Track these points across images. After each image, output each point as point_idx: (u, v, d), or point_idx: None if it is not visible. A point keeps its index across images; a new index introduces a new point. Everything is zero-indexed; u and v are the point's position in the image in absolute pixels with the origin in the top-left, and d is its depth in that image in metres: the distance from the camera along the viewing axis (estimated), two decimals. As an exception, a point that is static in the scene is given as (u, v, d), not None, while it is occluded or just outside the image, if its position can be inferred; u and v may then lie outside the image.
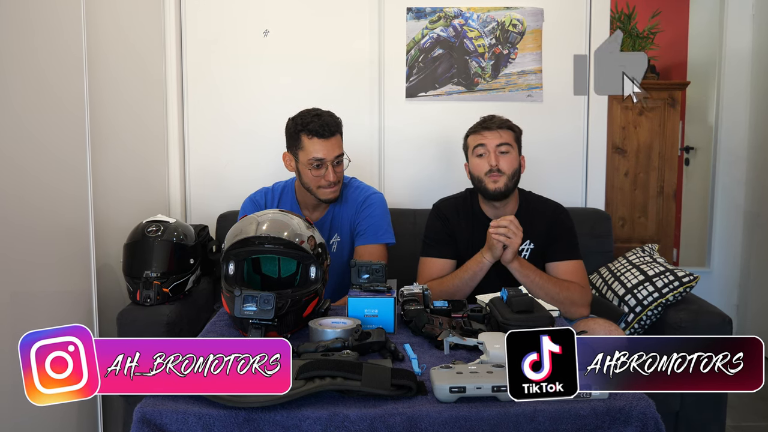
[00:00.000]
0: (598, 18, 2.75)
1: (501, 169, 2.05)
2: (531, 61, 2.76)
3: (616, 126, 3.55)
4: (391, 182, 2.80)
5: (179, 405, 1.18)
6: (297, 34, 2.74)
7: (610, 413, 1.19)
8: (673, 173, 3.64)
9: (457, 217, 2.16)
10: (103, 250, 2.15)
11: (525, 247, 2.11)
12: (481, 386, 1.19)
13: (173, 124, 2.73)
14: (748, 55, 3.58)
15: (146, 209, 2.42)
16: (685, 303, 2.26)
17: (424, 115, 2.78)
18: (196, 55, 2.75)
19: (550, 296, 1.95)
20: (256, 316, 1.49)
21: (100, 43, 2.14)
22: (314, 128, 2.03)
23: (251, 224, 1.61)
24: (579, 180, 2.82)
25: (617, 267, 2.47)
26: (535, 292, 1.93)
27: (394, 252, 2.20)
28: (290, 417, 1.16)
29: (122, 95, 2.34)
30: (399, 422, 1.16)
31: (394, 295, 1.63)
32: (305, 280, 1.62)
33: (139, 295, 2.04)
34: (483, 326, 1.58)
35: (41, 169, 1.82)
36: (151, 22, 2.63)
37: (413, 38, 2.75)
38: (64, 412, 1.91)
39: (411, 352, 1.45)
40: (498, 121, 2.10)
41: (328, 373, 1.22)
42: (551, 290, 1.98)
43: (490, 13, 2.74)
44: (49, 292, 1.86)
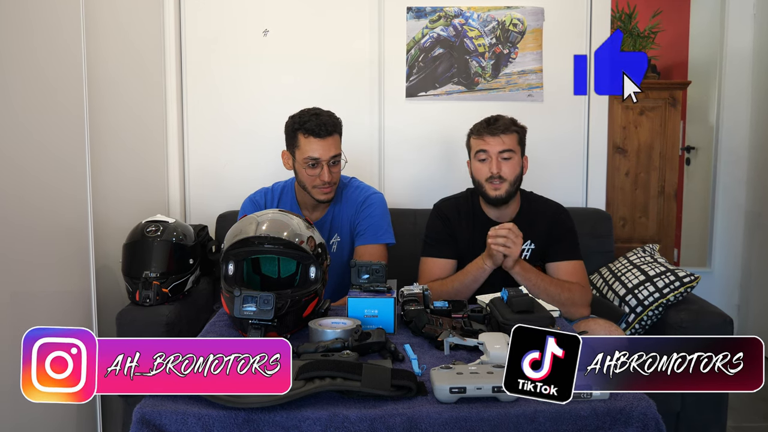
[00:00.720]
0: (598, 17, 2.75)
1: (503, 176, 2.04)
2: (531, 60, 2.76)
3: (617, 126, 3.55)
4: (391, 182, 2.80)
5: (179, 405, 1.18)
6: (297, 34, 2.74)
7: (611, 414, 1.18)
8: (674, 173, 3.63)
9: (458, 217, 2.15)
10: (102, 251, 2.14)
11: (526, 247, 2.10)
12: (481, 387, 1.19)
13: (173, 123, 2.72)
14: (749, 55, 3.57)
15: (145, 209, 2.41)
16: (686, 303, 2.26)
17: (424, 115, 2.78)
18: (196, 54, 2.75)
19: (551, 297, 1.95)
20: (256, 316, 1.49)
21: (99, 42, 2.13)
22: (311, 127, 2.02)
23: (251, 224, 1.61)
24: (580, 180, 2.81)
25: (618, 267, 2.46)
26: (537, 294, 1.93)
27: (394, 252, 2.20)
28: (290, 417, 1.16)
29: (122, 95, 2.34)
30: (399, 423, 1.16)
31: (394, 296, 1.63)
32: (305, 281, 1.62)
33: (139, 296, 2.04)
34: (483, 326, 1.57)
35: (40, 168, 1.82)
36: (151, 21, 2.62)
37: (413, 38, 2.75)
38: (63, 412, 1.91)
39: (411, 352, 1.45)
40: (502, 125, 2.06)
41: (328, 373, 1.22)
42: (553, 292, 1.97)
43: (491, 13, 2.74)
44: (48, 293, 1.86)
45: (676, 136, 3.64)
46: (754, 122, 3.56)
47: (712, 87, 3.86)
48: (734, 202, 3.65)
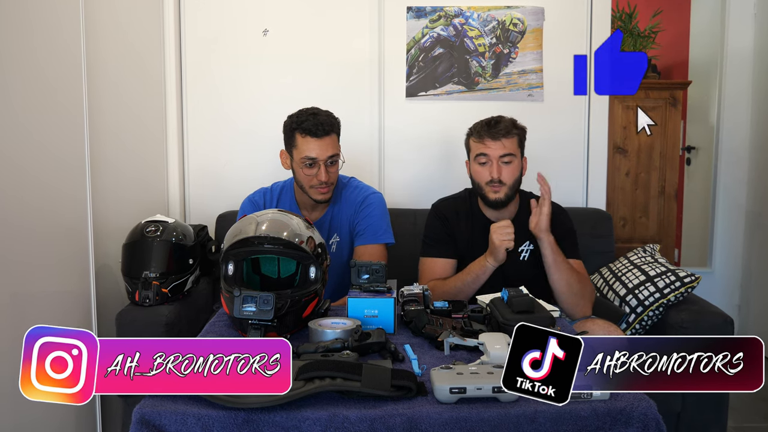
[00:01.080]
0: (599, 17, 2.74)
1: (502, 180, 2.03)
2: (532, 60, 2.75)
3: (617, 126, 3.54)
4: (391, 182, 2.79)
5: (178, 406, 1.18)
6: (296, 34, 2.73)
7: (611, 414, 1.18)
8: (675, 173, 3.62)
9: (456, 218, 2.15)
10: (101, 251, 2.14)
11: (525, 248, 2.10)
12: (481, 387, 1.18)
13: (172, 123, 2.72)
14: (749, 55, 3.57)
15: (145, 209, 2.41)
16: (686, 303, 2.25)
17: (424, 115, 2.77)
18: (196, 54, 2.75)
19: (567, 283, 1.95)
20: (256, 316, 1.49)
21: (99, 42, 2.13)
22: (308, 127, 2.03)
23: (250, 224, 1.61)
24: (580, 180, 2.81)
25: (618, 267, 2.46)
26: (556, 276, 1.94)
27: (393, 252, 2.20)
28: (290, 418, 1.16)
29: (121, 95, 2.33)
30: (399, 423, 1.15)
31: (394, 296, 1.63)
32: (305, 281, 1.62)
33: (138, 296, 2.03)
34: (483, 327, 1.57)
35: (40, 168, 1.81)
36: (151, 21, 2.62)
37: (413, 37, 2.74)
38: (63, 413, 1.90)
39: (411, 352, 1.45)
40: (504, 128, 2.04)
41: (328, 373, 1.22)
42: (571, 278, 1.97)
43: (491, 12, 2.74)
44: (48, 293, 1.86)
45: (677, 136, 3.63)
46: (754, 122, 3.56)
47: (712, 87, 3.85)
48: (735, 202, 3.64)
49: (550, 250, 1.96)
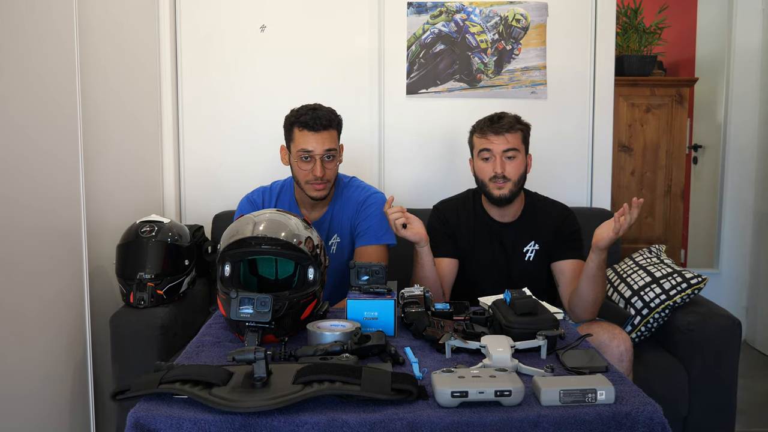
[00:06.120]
0: (603, 13, 2.72)
1: (507, 176, 2.01)
2: (535, 56, 2.71)
3: (623, 123, 3.51)
4: (391, 181, 2.76)
5: (173, 410, 1.16)
6: (295, 30, 2.71)
7: (616, 418, 1.16)
8: (681, 172, 3.58)
9: (457, 219, 2.13)
10: (95, 251, 2.12)
11: (530, 248, 2.09)
12: (483, 391, 1.17)
13: (168, 121, 2.70)
14: (757, 51, 3.54)
15: (140, 209, 2.40)
16: (693, 305, 2.23)
17: (425, 113, 2.74)
18: (191, 51, 2.72)
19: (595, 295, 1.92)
20: (253, 318, 1.47)
21: (92, 39, 2.11)
22: (305, 120, 2.03)
23: (248, 224, 1.59)
24: (584, 179, 2.78)
25: (623, 268, 2.42)
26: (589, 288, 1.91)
27: (394, 253, 2.17)
28: (288, 422, 1.14)
29: (115, 92, 2.32)
30: (399, 427, 1.14)
31: (395, 298, 1.61)
32: (303, 282, 1.60)
33: (133, 297, 2.02)
34: (486, 329, 1.56)
35: (32, 168, 1.80)
36: (145, 17, 2.60)
37: (414, 33, 2.71)
38: (56, 417, 1.89)
39: (412, 355, 1.43)
40: (507, 123, 2.02)
41: (327, 377, 1.20)
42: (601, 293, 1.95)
43: (493, 8, 2.70)
44: (40, 294, 1.83)
45: (683, 134, 3.60)
46: (762, 120, 3.54)
47: (719, 84, 3.83)
48: (742, 202, 3.62)
49: (597, 265, 1.91)
